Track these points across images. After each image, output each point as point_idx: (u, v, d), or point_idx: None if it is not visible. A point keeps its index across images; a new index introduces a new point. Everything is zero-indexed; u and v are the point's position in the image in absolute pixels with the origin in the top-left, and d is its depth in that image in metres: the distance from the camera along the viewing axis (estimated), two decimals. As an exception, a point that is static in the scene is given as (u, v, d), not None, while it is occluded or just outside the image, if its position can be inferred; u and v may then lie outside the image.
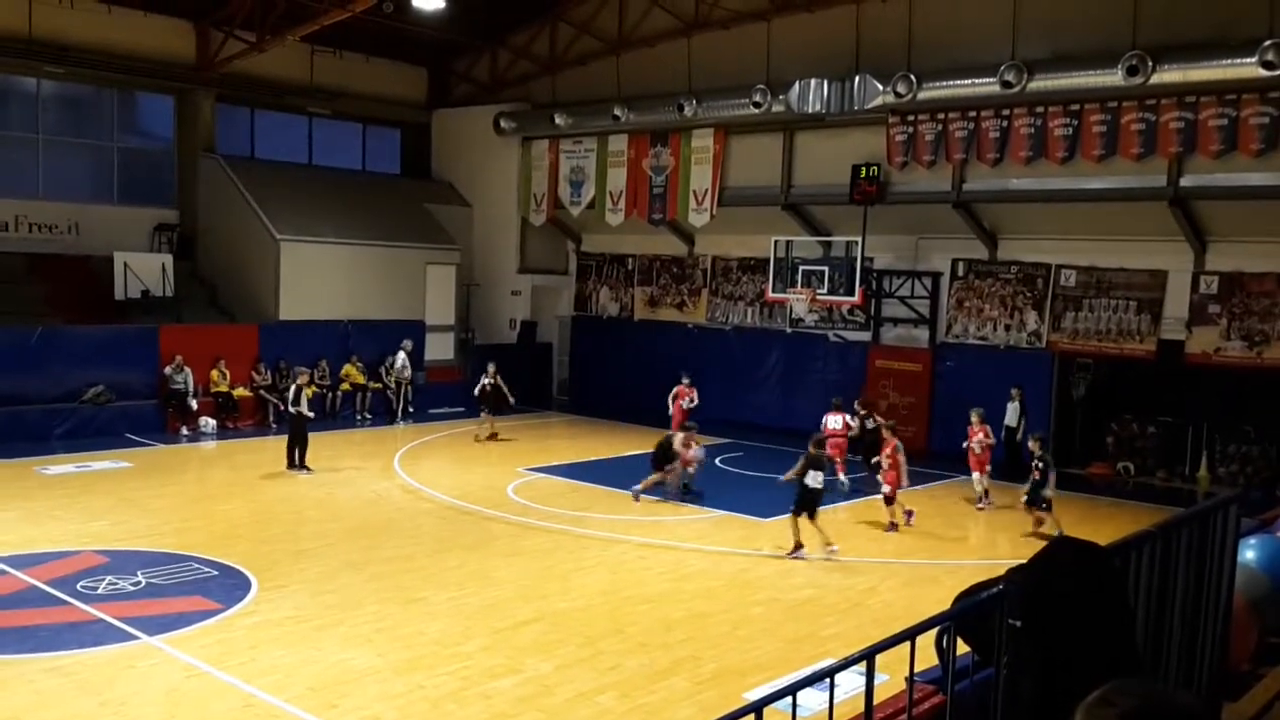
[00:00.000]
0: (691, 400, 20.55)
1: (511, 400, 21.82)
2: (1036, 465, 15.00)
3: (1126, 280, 19.57)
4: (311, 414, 18.36)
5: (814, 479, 13.27)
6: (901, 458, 15.17)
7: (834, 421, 17.79)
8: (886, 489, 15.06)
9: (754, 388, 22.33)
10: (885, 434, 15.83)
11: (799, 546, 13.30)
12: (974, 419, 16.93)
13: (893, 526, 15.00)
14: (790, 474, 13.80)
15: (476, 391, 21.74)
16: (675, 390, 20.73)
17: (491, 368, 21.71)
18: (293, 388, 18.18)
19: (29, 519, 13.96)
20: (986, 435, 16.82)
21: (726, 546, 13.98)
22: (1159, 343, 19.22)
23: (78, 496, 15.39)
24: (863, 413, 19.38)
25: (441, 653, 9.63)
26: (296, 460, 17.69)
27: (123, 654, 9.35)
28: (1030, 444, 15.68)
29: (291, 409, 17.96)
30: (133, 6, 23.45)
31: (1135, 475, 19.70)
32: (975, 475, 16.83)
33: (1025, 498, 15.11)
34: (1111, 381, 20.52)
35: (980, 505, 16.63)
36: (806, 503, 13.33)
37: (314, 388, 20.34)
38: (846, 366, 22.84)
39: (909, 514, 15.23)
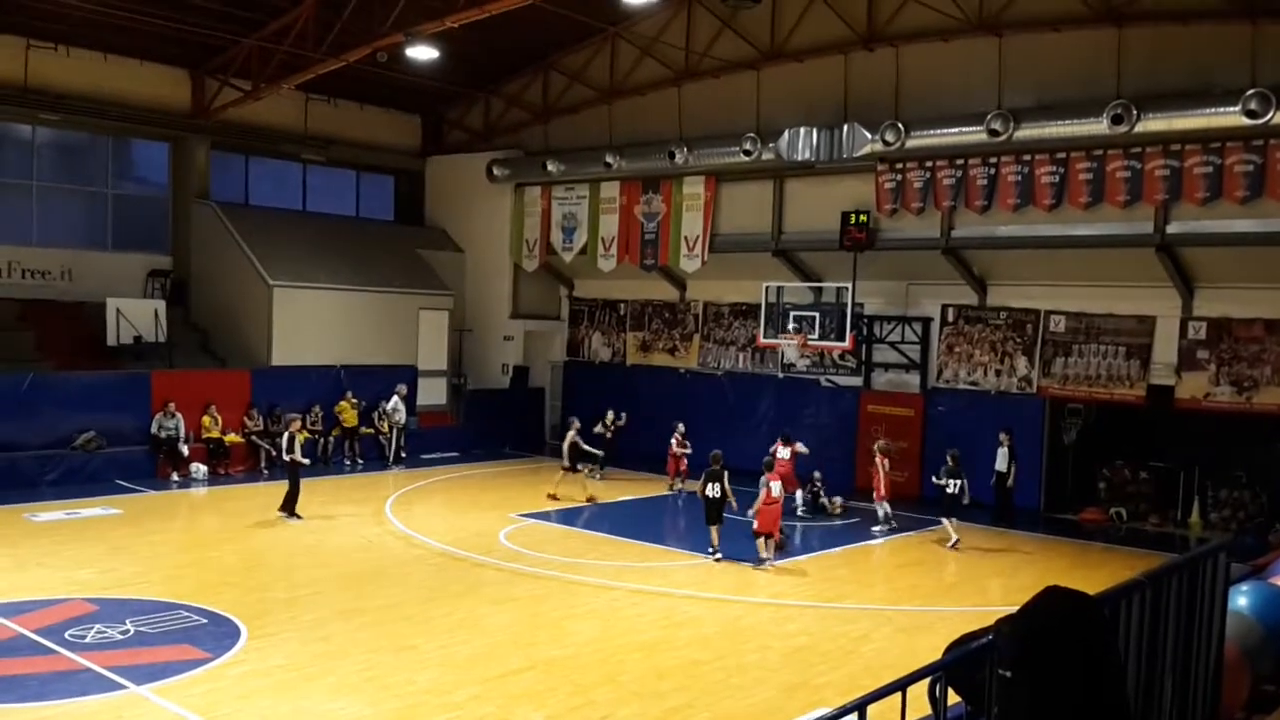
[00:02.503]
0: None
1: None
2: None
3: (1115, 326, 19.71)
4: (306, 460, 18.27)
5: (712, 490, 15.71)
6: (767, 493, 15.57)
7: (783, 452, 18.79)
8: (755, 525, 15.73)
9: (747, 433, 22.34)
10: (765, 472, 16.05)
11: (714, 550, 15.73)
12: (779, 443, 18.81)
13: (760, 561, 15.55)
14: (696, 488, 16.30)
15: (566, 446, 20.52)
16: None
17: (576, 423, 20.84)
18: (285, 435, 18.13)
19: (17, 566, 13.86)
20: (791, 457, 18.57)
21: (720, 593, 13.94)
22: (1149, 388, 19.30)
23: (67, 544, 15.29)
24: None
25: (432, 702, 9.55)
26: (287, 507, 17.57)
27: (110, 704, 9.26)
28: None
29: (285, 457, 17.88)
30: (128, 55, 23.66)
31: (1127, 521, 19.70)
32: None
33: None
34: (1103, 426, 20.61)
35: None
36: (710, 511, 15.72)
37: (305, 433, 20.17)
38: (838, 411, 22.88)
39: (762, 561, 15.56)
